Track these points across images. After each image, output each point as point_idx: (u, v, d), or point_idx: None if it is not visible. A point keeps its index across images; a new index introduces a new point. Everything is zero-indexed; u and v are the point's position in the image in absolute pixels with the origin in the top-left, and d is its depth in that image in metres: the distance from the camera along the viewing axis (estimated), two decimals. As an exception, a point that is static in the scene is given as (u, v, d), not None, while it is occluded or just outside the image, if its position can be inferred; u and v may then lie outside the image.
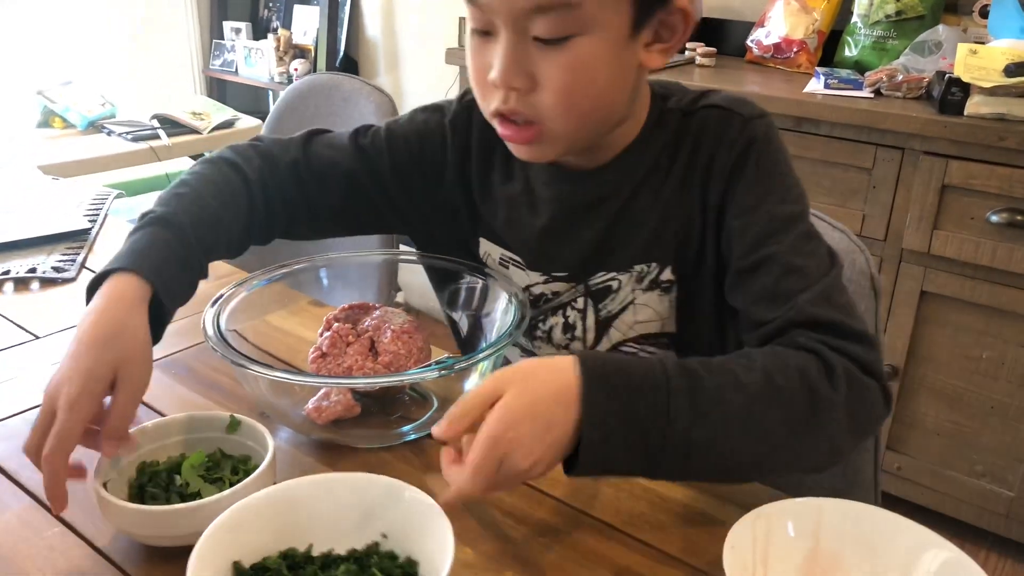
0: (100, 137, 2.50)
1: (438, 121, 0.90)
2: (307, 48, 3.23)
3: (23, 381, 0.88)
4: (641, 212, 0.81)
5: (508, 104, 0.71)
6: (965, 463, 1.77)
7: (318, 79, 1.84)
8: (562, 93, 0.70)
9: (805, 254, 0.72)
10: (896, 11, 1.93)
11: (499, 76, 0.70)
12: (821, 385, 0.64)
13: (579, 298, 0.86)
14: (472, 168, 0.89)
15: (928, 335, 1.75)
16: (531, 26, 0.68)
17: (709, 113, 0.79)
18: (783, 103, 1.76)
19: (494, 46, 0.70)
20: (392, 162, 0.90)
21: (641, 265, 0.82)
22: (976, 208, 1.61)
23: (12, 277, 1.12)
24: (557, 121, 0.71)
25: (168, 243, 0.74)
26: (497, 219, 0.89)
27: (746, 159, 0.76)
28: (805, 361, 0.65)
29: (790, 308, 0.70)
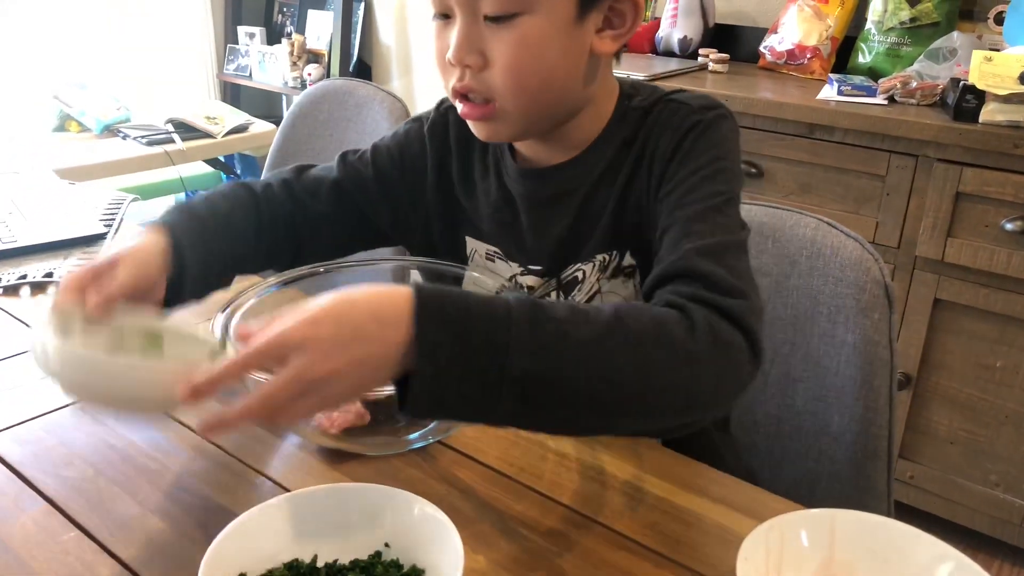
0: (115, 141, 2.52)
1: (417, 130, 0.96)
2: (321, 53, 3.25)
3: (40, 385, 0.89)
4: (601, 204, 0.84)
5: (463, 82, 0.76)
6: (979, 472, 1.76)
7: (332, 85, 1.85)
8: (510, 70, 0.74)
9: (707, 220, 0.72)
10: (911, 18, 1.92)
11: (453, 54, 0.75)
12: (677, 333, 0.60)
13: (552, 292, 0.89)
14: (453, 167, 0.94)
15: (942, 343, 1.74)
16: (481, 5, 0.73)
17: (664, 107, 0.82)
18: (796, 109, 1.76)
19: (452, 29, 0.76)
20: (375, 172, 0.94)
21: (603, 254, 0.86)
22: (991, 216, 1.60)
23: (29, 282, 1.12)
24: (508, 98, 0.76)
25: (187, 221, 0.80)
26: (479, 215, 0.92)
27: (683, 141, 0.78)
28: (664, 312, 0.62)
29: (677, 258, 0.69)
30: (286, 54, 3.23)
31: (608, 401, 0.59)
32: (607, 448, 0.80)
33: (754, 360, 0.64)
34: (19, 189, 1.46)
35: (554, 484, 0.75)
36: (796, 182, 1.80)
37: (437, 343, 0.54)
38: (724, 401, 0.66)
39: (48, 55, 3.07)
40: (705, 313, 0.62)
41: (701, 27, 2.28)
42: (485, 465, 0.77)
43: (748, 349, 0.63)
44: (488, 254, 0.94)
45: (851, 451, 0.98)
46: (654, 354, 0.59)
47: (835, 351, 0.98)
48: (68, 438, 0.80)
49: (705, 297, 0.64)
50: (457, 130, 0.92)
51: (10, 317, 1.04)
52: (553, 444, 0.81)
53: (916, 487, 1.83)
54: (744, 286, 0.66)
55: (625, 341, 0.59)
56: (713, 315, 0.63)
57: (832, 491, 1.00)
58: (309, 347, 0.53)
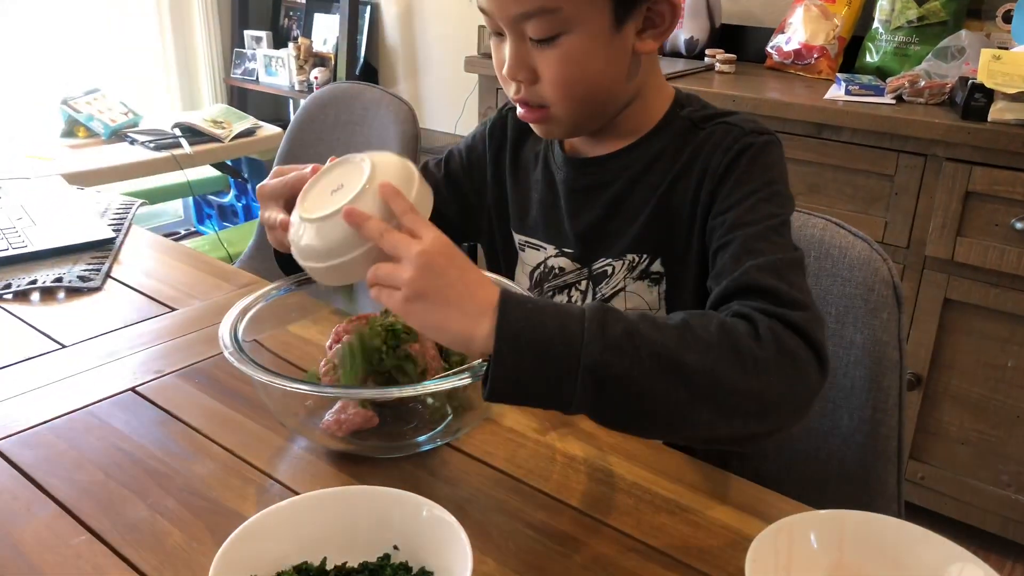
0: (123, 146, 2.53)
1: (481, 131, 1.05)
2: (327, 56, 3.26)
3: (50, 390, 0.89)
4: (637, 204, 0.88)
5: (519, 94, 0.84)
6: (990, 473, 1.75)
7: (339, 88, 1.85)
8: (557, 84, 0.80)
9: (768, 241, 0.74)
10: (918, 16, 1.92)
11: (507, 71, 0.82)
12: (744, 341, 0.63)
13: (583, 281, 0.94)
14: (506, 159, 1.01)
15: (952, 343, 1.73)
16: (525, 28, 0.79)
17: (717, 127, 0.85)
18: (804, 110, 1.75)
19: (506, 44, 0.82)
20: (446, 173, 1.05)
21: (633, 255, 0.89)
22: (1000, 215, 1.59)
23: (39, 286, 1.13)
24: (558, 105, 0.82)
25: None
26: (526, 202, 0.98)
27: (737, 162, 0.81)
28: (732, 321, 0.66)
29: (740, 273, 0.72)
30: (292, 58, 3.24)
31: (678, 399, 0.61)
32: (615, 450, 0.80)
33: (821, 370, 0.66)
34: (28, 194, 1.47)
35: (562, 486, 0.75)
36: (804, 182, 1.80)
37: (518, 328, 0.60)
38: (795, 410, 0.66)
39: (56, 61, 3.09)
40: (771, 323, 0.65)
41: (707, 27, 2.27)
42: (493, 467, 0.77)
43: (815, 359, 0.66)
44: (520, 244, 1.00)
45: (861, 452, 0.98)
46: (723, 358, 0.62)
47: (844, 352, 0.98)
48: (79, 442, 0.80)
49: (770, 310, 0.67)
50: (514, 127, 1.00)
51: (20, 322, 1.05)
52: (561, 446, 0.81)
53: (927, 488, 1.82)
54: (806, 299, 0.69)
55: (694, 343, 0.62)
56: (778, 325, 0.65)
57: (842, 492, 1.00)
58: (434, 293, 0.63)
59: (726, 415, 0.63)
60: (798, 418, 0.66)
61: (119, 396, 0.88)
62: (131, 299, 1.12)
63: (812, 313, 0.68)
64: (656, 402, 0.61)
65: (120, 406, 0.87)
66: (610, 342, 0.60)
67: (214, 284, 1.17)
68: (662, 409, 0.62)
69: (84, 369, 0.93)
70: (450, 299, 0.63)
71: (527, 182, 0.99)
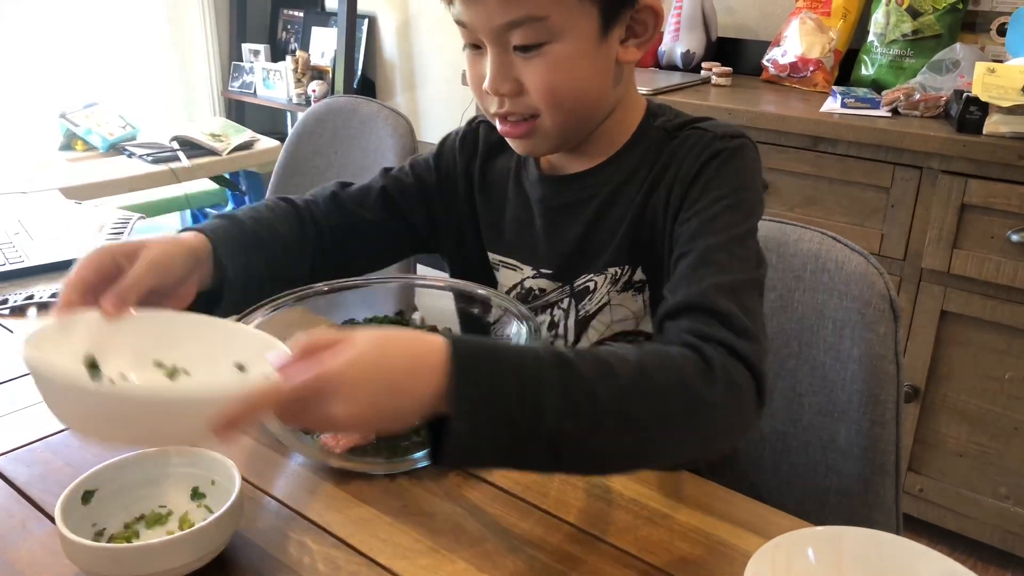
0: (121, 159, 2.53)
1: (451, 142, 1.01)
2: (325, 69, 3.27)
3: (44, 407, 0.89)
4: (616, 218, 0.87)
5: (503, 107, 0.81)
6: (989, 485, 1.75)
7: (336, 102, 1.86)
8: (545, 93, 0.79)
9: (729, 252, 0.74)
10: (913, 30, 1.93)
11: (490, 85, 0.80)
12: (697, 384, 0.63)
13: (565, 299, 0.92)
14: (475, 173, 0.99)
15: (949, 355, 1.73)
16: (510, 38, 0.77)
17: (690, 134, 0.84)
18: (800, 122, 1.76)
19: (484, 58, 0.80)
20: (415, 179, 1.00)
21: (615, 268, 0.88)
22: (996, 227, 1.60)
23: (36, 302, 1.13)
24: (547, 116, 0.80)
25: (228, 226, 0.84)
26: (498, 220, 0.97)
27: (707, 167, 0.80)
28: (684, 359, 0.64)
29: (699, 291, 0.71)
30: (290, 71, 3.25)
31: (631, 450, 0.63)
32: (613, 465, 0.80)
33: (759, 403, 0.67)
34: (25, 209, 1.47)
35: (559, 502, 0.75)
36: (801, 195, 1.80)
37: (473, 402, 0.56)
38: (731, 442, 0.72)
39: (55, 74, 3.10)
40: (721, 357, 0.65)
41: (704, 40, 2.28)
42: (490, 483, 0.77)
43: (755, 393, 0.66)
44: (493, 263, 0.98)
45: (859, 466, 0.98)
46: (674, 405, 0.62)
47: (841, 365, 0.98)
48: (74, 459, 0.80)
49: (721, 337, 0.66)
50: (485, 140, 0.98)
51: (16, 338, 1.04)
52: (559, 462, 0.81)
53: (925, 500, 1.82)
54: (757, 329, 0.69)
55: (649, 394, 0.61)
56: (728, 358, 0.65)
57: (840, 506, 1.00)
58: (344, 393, 0.54)
59: (673, 454, 0.66)
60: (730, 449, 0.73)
61: (116, 412, 0.88)
62: (128, 314, 1.12)
63: (761, 345, 0.68)
64: (608, 455, 0.63)
65: (117, 422, 0.86)
66: (570, 408, 0.58)
67: (211, 299, 1.16)
68: (612, 459, 0.64)
69: (81, 385, 0.93)
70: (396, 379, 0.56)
71: (499, 199, 0.96)
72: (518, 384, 0.57)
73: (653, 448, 0.63)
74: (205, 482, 0.72)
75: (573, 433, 0.58)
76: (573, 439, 0.59)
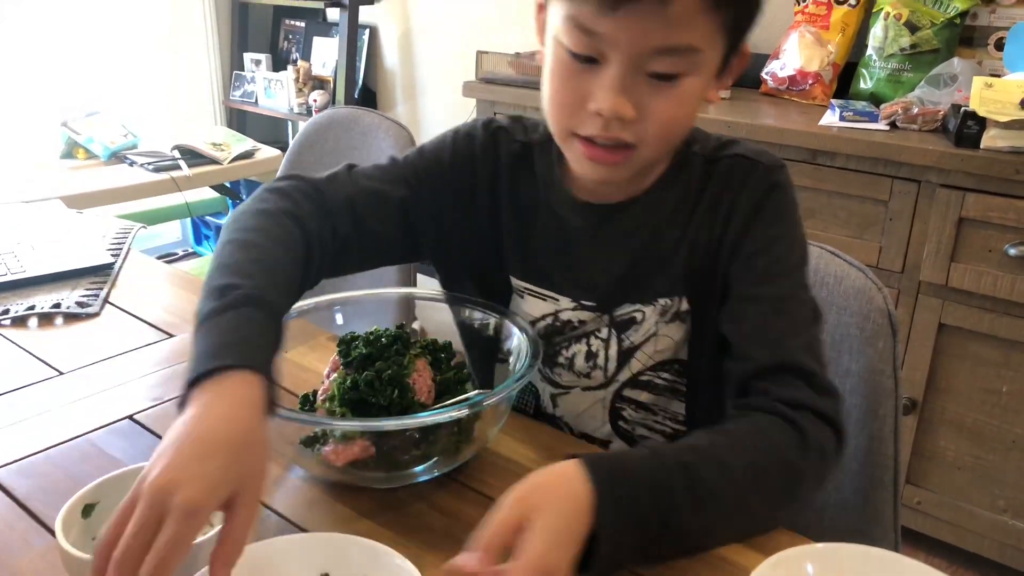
0: (122, 168, 2.54)
1: (467, 148, 0.92)
2: (326, 79, 3.28)
3: (47, 418, 0.89)
4: (667, 248, 0.85)
5: (609, 131, 0.74)
6: (987, 498, 1.75)
7: (337, 113, 1.86)
8: (664, 125, 0.74)
9: (797, 301, 0.79)
10: (911, 44, 1.94)
11: (608, 107, 0.72)
12: (796, 460, 0.71)
13: (603, 328, 0.89)
14: (503, 192, 0.91)
15: (947, 368, 1.73)
16: (651, 63, 0.71)
17: (734, 162, 0.84)
18: (798, 135, 1.77)
19: (597, 75, 0.72)
20: (431, 194, 0.90)
21: (665, 299, 0.87)
22: (994, 241, 1.61)
23: (37, 312, 1.13)
24: (651, 147, 0.76)
25: (267, 328, 0.68)
26: (527, 247, 0.91)
27: (766, 201, 0.82)
28: (781, 434, 0.72)
29: (778, 350, 0.77)
30: (292, 80, 3.26)
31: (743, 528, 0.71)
32: (612, 480, 0.80)
33: (840, 451, 0.75)
34: (27, 219, 1.48)
35: None
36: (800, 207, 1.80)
37: (617, 530, 0.63)
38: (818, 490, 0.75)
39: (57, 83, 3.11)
40: (810, 424, 0.72)
41: (703, 53, 2.29)
42: (490, 498, 0.77)
43: (837, 445, 0.74)
44: (519, 289, 0.93)
45: (857, 480, 0.98)
46: (779, 483, 0.71)
47: (840, 380, 0.98)
48: (75, 471, 0.80)
49: (808, 402, 0.73)
50: (508, 152, 0.91)
51: (18, 348, 1.05)
52: (558, 476, 0.81)
53: (924, 513, 1.82)
54: (833, 383, 0.77)
55: (759, 480, 0.69)
56: (816, 422, 0.73)
57: (838, 521, 1.00)
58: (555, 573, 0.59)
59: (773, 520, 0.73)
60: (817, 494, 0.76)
61: (117, 424, 0.88)
62: (129, 325, 1.12)
63: (839, 399, 0.76)
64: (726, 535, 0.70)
65: (118, 434, 0.87)
66: (697, 510, 0.66)
67: (212, 310, 1.17)
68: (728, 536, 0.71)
69: (82, 397, 0.94)
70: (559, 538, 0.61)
71: (528, 222, 0.91)
72: (652, 505, 0.65)
73: (760, 522, 0.72)
74: None
75: (697, 528, 0.67)
76: (697, 532, 0.68)
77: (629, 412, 0.93)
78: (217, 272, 0.72)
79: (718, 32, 0.72)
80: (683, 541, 0.67)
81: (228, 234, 0.78)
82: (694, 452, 0.68)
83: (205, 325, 0.67)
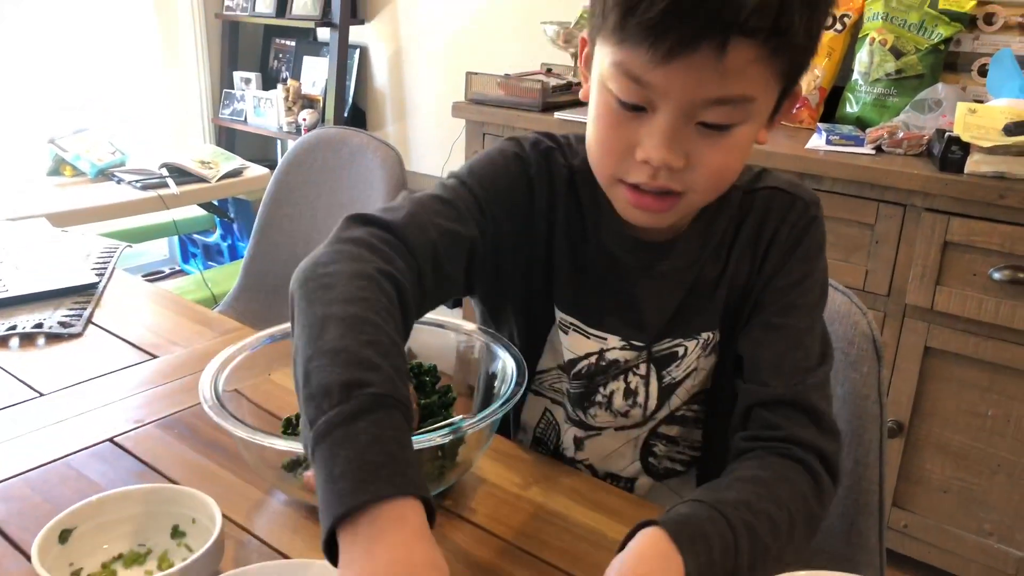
0: (109, 185, 2.52)
1: (523, 170, 0.86)
2: (316, 98, 3.29)
3: (25, 440, 0.88)
4: (710, 283, 0.85)
5: (657, 180, 0.72)
6: (973, 521, 1.75)
7: (326, 133, 1.86)
8: (716, 173, 0.73)
9: (813, 336, 0.82)
10: (896, 69, 1.96)
11: (658, 156, 0.70)
12: (818, 512, 0.76)
13: (641, 364, 0.87)
14: (559, 220, 0.86)
15: (933, 391, 1.74)
16: (701, 113, 0.68)
17: (772, 194, 0.84)
18: (786, 158, 1.78)
19: (645, 123, 0.70)
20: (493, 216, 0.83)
21: (708, 332, 0.86)
22: (978, 265, 1.62)
23: (19, 332, 1.12)
24: (700, 195, 0.74)
25: (406, 432, 0.60)
26: (577, 281, 0.87)
27: (804, 236, 0.83)
28: (807, 488, 0.75)
29: (793, 384, 0.79)
30: (281, 99, 3.27)
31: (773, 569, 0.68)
32: (598, 507, 0.80)
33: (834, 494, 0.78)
34: (11, 237, 1.47)
35: (544, 544, 0.75)
36: (786, 230, 1.82)
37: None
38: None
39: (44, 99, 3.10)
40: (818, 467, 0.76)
41: (691, 76, 2.31)
42: (475, 524, 0.77)
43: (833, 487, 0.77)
44: (564, 324, 0.88)
45: (843, 505, 0.98)
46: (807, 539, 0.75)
47: (825, 405, 0.98)
48: (53, 495, 0.79)
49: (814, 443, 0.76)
50: (562, 179, 0.86)
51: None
52: (543, 501, 0.81)
53: (910, 536, 1.82)
54: (835, 423, 0.80)
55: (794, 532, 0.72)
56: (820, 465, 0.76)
57: (824, 545, 0.99)
58: None
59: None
60: None
61: (97, 447, 0.87)
62: (112, 346, 1.11)
63: (840, 442, 0.79)
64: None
65: (98, 457, 0.86)
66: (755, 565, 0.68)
67: (197, 331, 1.16)
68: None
69: (62, 419, 0.93)
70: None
71: (579, 255, 0.86)
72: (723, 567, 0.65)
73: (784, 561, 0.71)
74: (186, 520, 0.71)
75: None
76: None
77: (660, 447, 0.92)
78: (329, 360, 0.61)
79: (772, 78, 0.69)
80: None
81: (325, 304, 0.65)
82: (749, 510, 0.69)
83: (336, 436, 0.57)
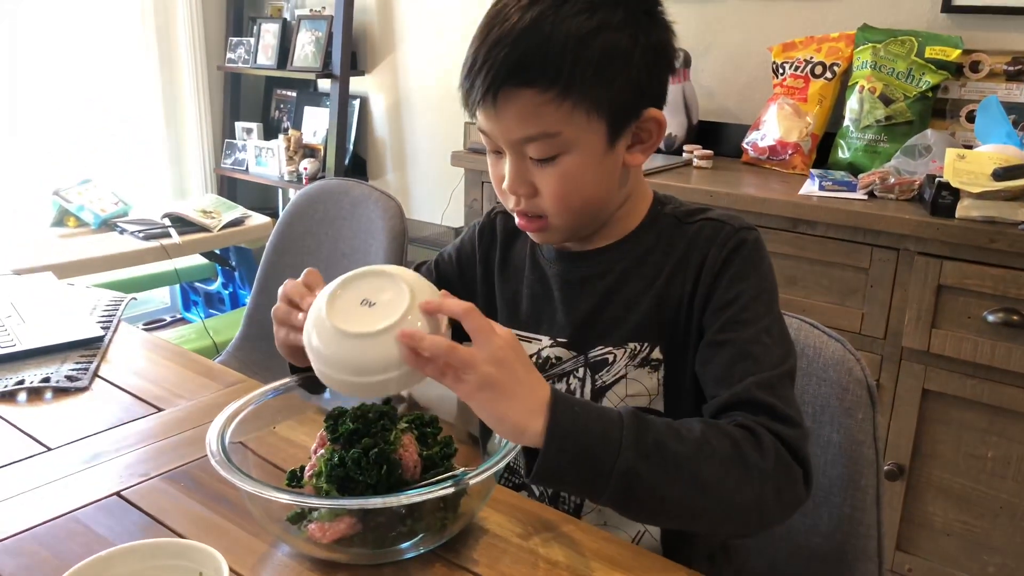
0: (112, 235, 2.56)
1: (469, 235, 1.09)
2: (317, 148, 3.33)
3: (33, 495, 0.89)
4: (633, 295, 0.93)
5: (519, 206, 0.90)
6: (977, 564, 1.75)
7: (328, 184, 1.90)
8: (556, 198, 0.87)
9: (762, 346, 0.84)
10: (886, 116, 2.00)
11: (508, 186, 0.89)
12: (750, 452, 0.76)
13: (580, 368, 0.97)
14: (495, 259, 1.05)
15: (932, 434, 1.75)
16: (526, 149, 0.85)
17: (704, 224, 0.92)
18: (779, 204, 1.81)
19: (504, 161, 0.89)
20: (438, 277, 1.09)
21: (634, 343, 0.94)
22: (973, 307, 1.64)
23: (26, 387, 1.14)
24: (556, 217, 0.89)
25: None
26: (517, 298, 1.02)
27: (734, 257, 0.88)
28: (739, 433, 0.77)
29: (741, 389, 0.82)
30: (283, 149, 3.31)
31: (692, 505, 0.75)
32: (597, 556, 0.81)
33: (807, 484, 0.78)
34: (18, 290, 1.49)
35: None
36: (782, 275, 1.84)
37: (567, 430, 0.72)
38: (782, 516, 0.78)
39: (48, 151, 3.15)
40: (769, 437, 0.77)
41: (685, 124, 2.36)
42: (477, 575, 0.78)
43: (802, 475, 0.78)
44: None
45: (841, 551, 0.99)
46: (733, 471, 0.75)
47: (822, 451, 0.99)
48: (61, 550, 0.80)
49: (768, 425, 0.78)
50: (503, 228, 1.06)
51: (6, 424, 1.05)
52: (543, 552, 0.81)
53: (914, 580, 1.81)
54: (796, 415, 0.81)
55: (711, 458, 0.75)
56: (775, 440, 0.77)
57: (825, 591, 1.00)
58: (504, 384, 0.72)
59: (729, 517, 0.77)
60: (783, 521, 0.78)
61: (104, 501, 0.88)
62: (118, 399, 1.13)
63: (802, 430, 0.80)
64: (673, 504, 0.75)
65: (105, 511, 0.86)
66: (642, 451, 0.72)
67: (201, 383, 1.17)
68: (677, 509, 0.76)
69: (69, 473, 0.94)
70: (516, 393, 0.72)
71: (518, 279, 1.03)
72: (602, 423, 0.73)
73: (712, 508, 0.75)
74: (193, 574, 0.72)
75: (643, 474, 0.72)
76: (643, 479, 0.72)
77: None
78: None
79: (578, 113, 0.82)
80: (629, 484, 0.72)
81: None
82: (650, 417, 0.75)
83: None
